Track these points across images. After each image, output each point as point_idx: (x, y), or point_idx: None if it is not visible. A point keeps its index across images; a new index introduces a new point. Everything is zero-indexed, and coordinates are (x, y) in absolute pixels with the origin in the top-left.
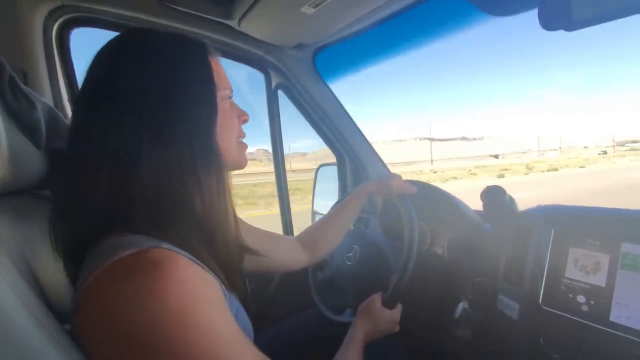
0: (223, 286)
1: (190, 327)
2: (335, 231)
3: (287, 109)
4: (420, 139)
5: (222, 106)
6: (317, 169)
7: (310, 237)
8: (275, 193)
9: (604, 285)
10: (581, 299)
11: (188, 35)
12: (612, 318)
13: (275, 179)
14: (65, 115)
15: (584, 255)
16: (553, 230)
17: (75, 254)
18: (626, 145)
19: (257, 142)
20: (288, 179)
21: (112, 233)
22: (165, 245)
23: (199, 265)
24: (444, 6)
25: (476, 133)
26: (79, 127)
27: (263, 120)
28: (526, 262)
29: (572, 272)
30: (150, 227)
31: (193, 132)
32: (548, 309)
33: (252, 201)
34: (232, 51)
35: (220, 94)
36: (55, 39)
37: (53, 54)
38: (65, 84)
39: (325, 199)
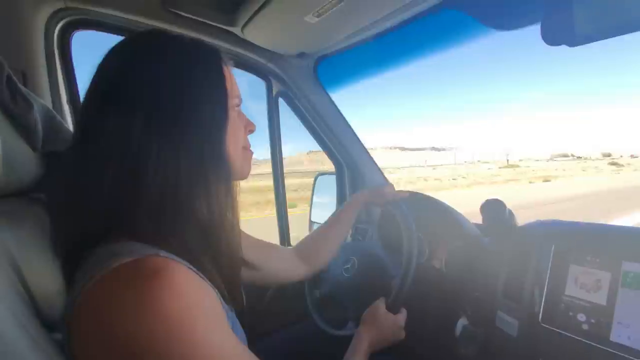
0: (221, 298)
1: (187, 337)
2: (333, 241)
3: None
4: (391, 149)
5: (232, 115)
6: (315, 178)
7: (307, 248)
8: (254, 196)
9: (604, 303)
10: (581, 317)
11: (201, 41)
12: (612, 338)
13: (273, 186)
14: (63, 117)
15: (585, 272)
16: (553, 247)
17: (74, 257)
18: (554, 159)
19: None
20: (258, 183)
21: (112, 238)
22: (163, 253)
23: (199, 275)
24: (447, 19)
25: (445, 143)
26: (86, 126)
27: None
28: (525, 278)
29: (572, 290)
30: (152, 233)
31: (204, 138)
32: (547, 326)
33: None
34: (234, 58)
35: (231, 102)
36: (57, 41)
37: (54, 56)
38: (65, 87)
39: (323, 209)
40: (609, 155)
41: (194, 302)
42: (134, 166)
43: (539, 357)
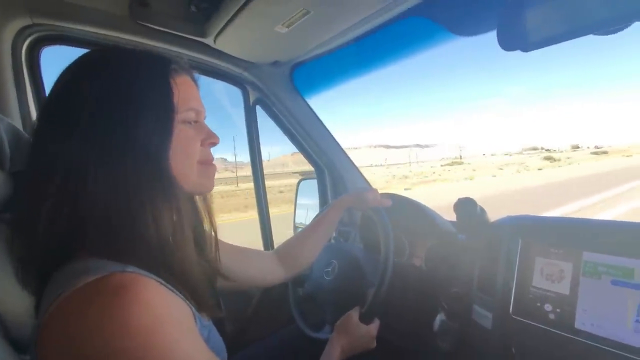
0: (195, 311)
1: (154, 350)
2: (312, 245)
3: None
4: (375, 147)
5: (180, 129)
6: (298, 183)
7: (287, 251)
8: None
9: (568, 293)
10: (548, 307)
11: (152, 53)
12: (577, 325)
13: (254, 192)
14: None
15: (549, 264)
16: (520, 240)
17: (39, 280)
18: (523, 152)
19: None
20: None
21: (75, 257)
22: (130, 268)
23: (167, 287)
24: (415, 26)
25: (429, 140)
26: (34, 148)
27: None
28: (497, 272)
29: (538, 281)
30: (109, 251)
31: (141, 156)
32: (518, 318)
33: None
34: (208, 68)
35: (181, 116)
36: (25, 58)
37: (22, 72)
38: (35, 104)
39: (307, 212)
40: (577, 147)
41: (161, 314)
42: (73, 187)
43: (511, 347)
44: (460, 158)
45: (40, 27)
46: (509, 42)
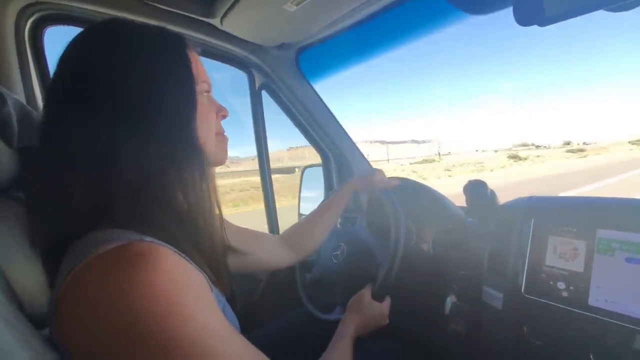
0: (210, 283)
1: (177, 316)
2: (320, 229)
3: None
4: (372, 142)
5: (200, 100)
6: (303, 171)
7: (294, 235)
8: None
9: (582, 270)
10: (561, 285)
11: (165, 28)
12: (590, 302)
13: (260, 179)
14: (38, 113)
15: (562, 242)
16: (533, 221)
17: (56, 252)
18: (513, 149)
19: None
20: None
21: (94, 229)
22: (148, 238)
23: (185, 258)
24: (425, 4)
25: (425, 136)
26: (51, 122)
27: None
28: (509, 253)
29: (551, 260)
30: (133, 222)
31: (172, 126)
32: (530, 297)
33: None
34: (214, 51)
35: (199, 87)
36: (28, 37)
37: (26, 51)
38: (38, 83)
39: (311, 201)
40: (568, 143)
41: (181, 282)
42: (104, 159)
43: (523, 326)
44: (439, 155)
45: (44, 5)
46: (525, 17)
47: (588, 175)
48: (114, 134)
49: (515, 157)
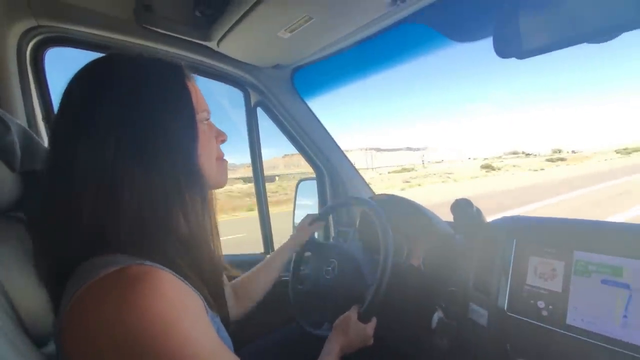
0: (206, 305)
1: (173, 338)
2: (260, 285)
3: None
4: (366, 150)
5: (201, 128)
6: (298, 184)
7: (239, 287)
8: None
9: (560, 290)
10: (541, 304)
11: (164, 60)
12: (568, 321)
13: (255, 192)
14: (38, 134)
15: (542, 262)
16: (515, 240)
17: (59, 277)
18: (503, 157)
19: None
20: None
21: (95, 254)
22: (148, 262)
23: (183, 281)
24: (413, 32)
25: (421, 143)
26: (58, 151)
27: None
28: (493, 271)
29: (532, 279)
30: (136, 247)
31: (175, 157)
32: (513, 315)
33: None
34: (211, 71)
35: (199, 116)
36: (30, 59)
37: (27, 73)
38: (39, 104)
39: (306, 213)
40: (559, 151)
41: (178, 303)
42: (110, 188)
43: (506, 344)
44: (423, 164)
45: (45, 28)
46: (504, 50)
47: (551, 188)
48: (120, 165)
49: (487, 167)
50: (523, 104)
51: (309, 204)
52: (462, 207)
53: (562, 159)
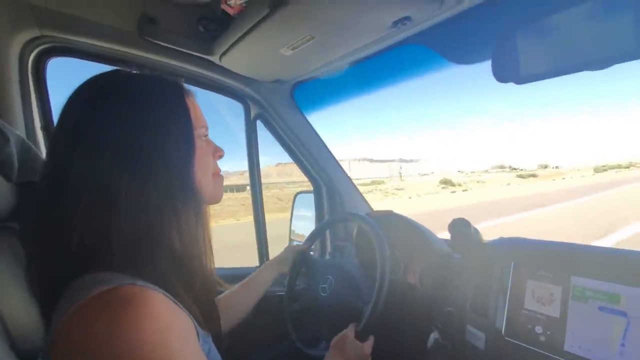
0: (197, 326)
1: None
2: (241, 304)
3: None
4: (360, 160)
5: (198, 144)
6: (295, 197)
7: (225, 300)
8: None
9: (558, 315)
10: (539, 329)
11: (165, 77)
12: (566, 347)
13: (252, 203)
14: (36, 143)
15: (540, 287)
16: (513, 263)
17: (51, 293)
18: (489, 171)
19: None
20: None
21: (88, 271)
22: (139, 282)
23: (174, 302)
24: (413, 52)
25: (414, 155)
26: (55, 164)
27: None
28: (490, 294)
29: (530, 304)
30: (127, 265)
31: (172, 173)
32: (510, 339)
33: None
34: (211, 83)
35: (197, 132)
36: (31, 69)
37: (28, 83)
38: (39, 113)
39: (302, 226)
40: (544, 166)
41: (167, 326)
42: (105, 203)
43: None
44: (400, 176)
45: (48, 39)
46: (503, 75)
47: (505, 208)
48: (116, 179)
49: (446, 183)
50: (516, 117)
51: (307, 215)
52: (459, 226)
53: (534, 175)
